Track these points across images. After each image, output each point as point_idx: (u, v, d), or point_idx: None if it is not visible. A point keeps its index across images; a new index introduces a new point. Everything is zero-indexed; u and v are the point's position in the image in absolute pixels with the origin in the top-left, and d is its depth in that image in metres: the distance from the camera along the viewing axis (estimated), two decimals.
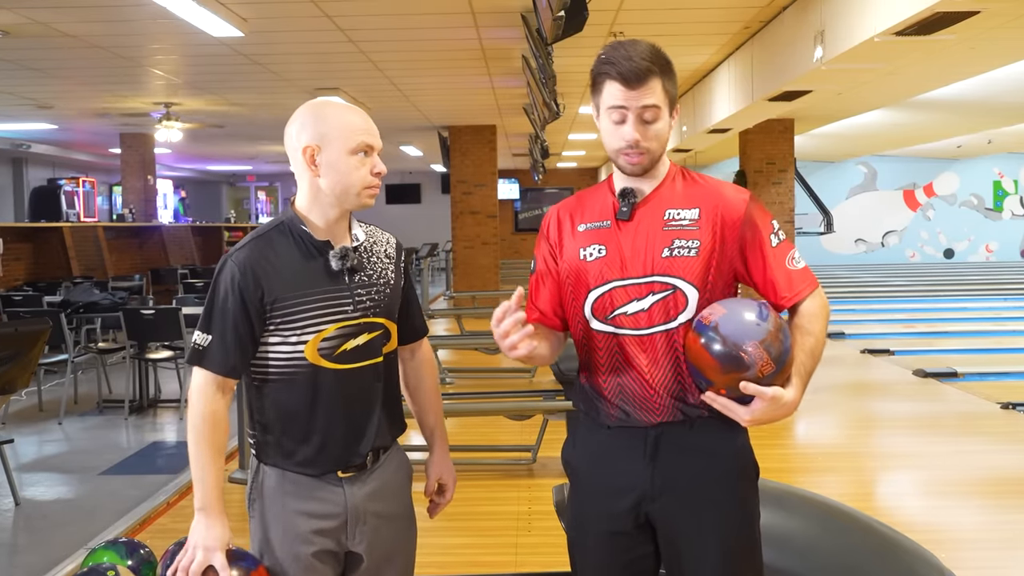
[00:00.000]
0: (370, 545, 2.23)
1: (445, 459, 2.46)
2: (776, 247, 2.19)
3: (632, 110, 2.13)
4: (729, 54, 10.23)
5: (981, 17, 5.91)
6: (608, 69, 2.14)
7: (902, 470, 6.00)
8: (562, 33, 5.81)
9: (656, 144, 2.17)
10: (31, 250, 12.84)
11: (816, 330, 2.17)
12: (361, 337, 2.21)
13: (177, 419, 7.75)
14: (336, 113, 2.20)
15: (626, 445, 2.19)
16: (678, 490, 2.16)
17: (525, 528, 4.68)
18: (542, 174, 21.60)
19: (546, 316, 2.32)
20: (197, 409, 2.15)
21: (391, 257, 2.33)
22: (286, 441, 2.20)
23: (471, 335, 9.81)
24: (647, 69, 2.11)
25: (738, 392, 2.05)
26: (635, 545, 2.21)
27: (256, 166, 25.69)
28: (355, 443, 2.21)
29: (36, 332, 5.54)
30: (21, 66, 9.97)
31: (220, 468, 2.17)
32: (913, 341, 11.22)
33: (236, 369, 2.18)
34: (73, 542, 4.69)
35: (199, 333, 2.18)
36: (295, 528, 2.18)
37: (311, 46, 9.19)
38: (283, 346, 2.18)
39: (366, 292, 2.23)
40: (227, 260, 2.19)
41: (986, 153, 24.10)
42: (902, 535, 3.06)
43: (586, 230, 2.23)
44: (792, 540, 2.86)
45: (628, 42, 2.16)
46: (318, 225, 2.22)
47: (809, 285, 2.20)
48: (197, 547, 2.10)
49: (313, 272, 2.19)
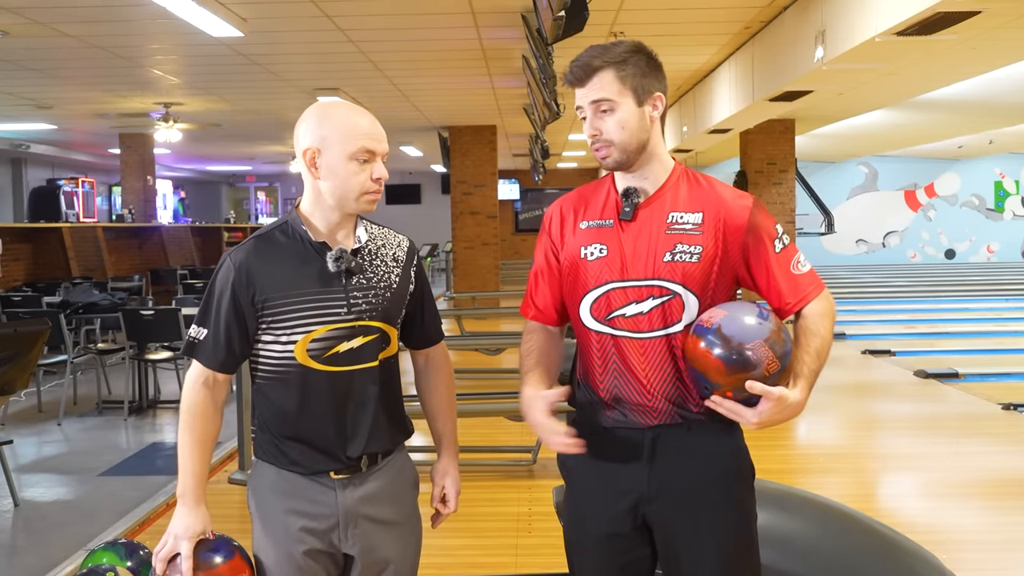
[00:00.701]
0: (363, 549, 2.21)
1: (450, 467, 2.43)
2: (779, 253, 2.18)
3: (586, 107, 2.17)
4: (730, 54, 10.21)
5: (982, 17, 5.90)
6: (566, 75, 2.20)
7: (903, 471, 5.98)
8: (562, 33, 5.81)
9: (623, 135, 2.15)
10: (30, 251, 12.83)
11: (822, 331, 2.16)
12: (355, 340, 2.19)
13: (176, 420, 7.66)
14: (340, 116, 2.18)
15: (623, 447, 2.18)
16: (675, 492, 2.16)
17: (525, 529, 4.68)
18: (542, 174, 21.58)
19: (544, 313, 2.32)
20: (184, 399, 2.22)
21: (399, 261, 2.30)
22: (279, 439, 2.21)
23: (471, 336, 9.81)
24: (587, 65, 2.15)
25: (744, 393, 2.04)
26: (632, 547, 2.21)
27: (256, 166, 25.69)
28: (345, 445, 2.19)
29: (35, 333, 5.56)
30: (21, 66, 9.95)
31: (202, 459, 2.20)
32: (914, 342, 11.20)
33: (226, 364, 2.20)
34: (72, 543, 4.68)
35: (194, 326, 2.22)
36: (287, 526, 2.18)
37: (311, 46, 9.18)
38: (275, 345, 2.19)
39: (363, 295, 2.21)
40: (226, 258, 2.22)
41: (987, 153, 24.04)
42: (903, 536, 3.05)
43: (587, 228, 2.22)
44: (793, 541, 2.87)
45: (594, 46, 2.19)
46: (320, 227, 2.21)
47: (815, 288, 2.19)
48: (170, 535, 2.14)
49: (308, 273, 2.18)
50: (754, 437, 2.25)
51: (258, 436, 2.26)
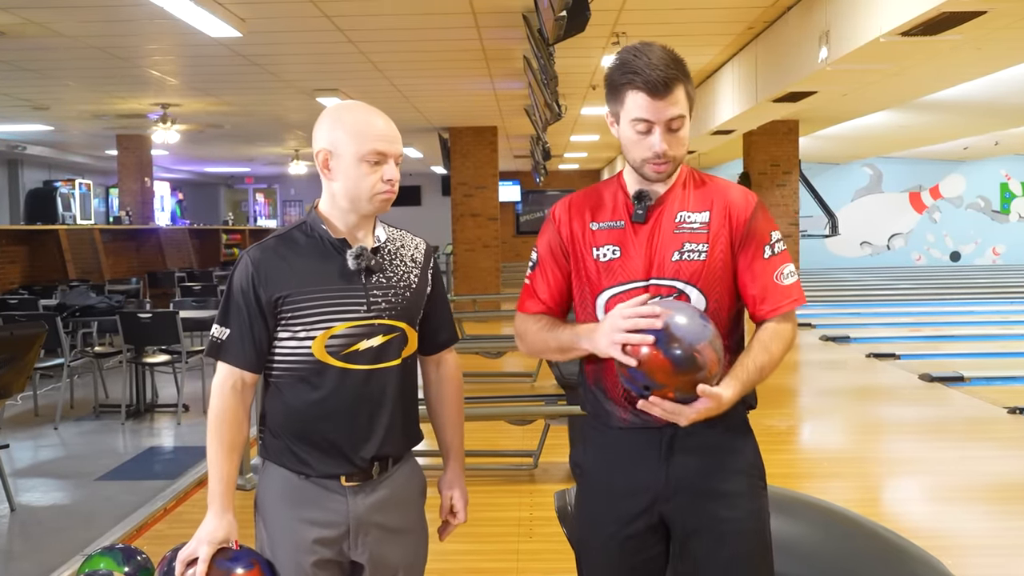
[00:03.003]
0: (372, 557, 2.21)
1: (458, 479, 2.43)
2: (768, 259, 2.19)
3: (660, 122, 2.10)
4: (733, 55, 10.22)
5: (988, 17, 5.90)
6: (632, 79, 2.09)
7: (908, 475, 5.97)
8: (564, 33, 5.81)
9: (681, 151, 2.17)
10: (26, 253, 12.77)
11: (774, 350, 2.16)
12: (376, 339, 2.20)
13: (174, 424, 7.71)
14: (353, 118, 2.20)
15: (639, 446, 2.19)
16: (693, 489, 2.17)
17: (527, 534, 4.67)
18: (544, 176, 21.60)
19: (551, 307, 2.31)
20: (212, 405, 2.20)
21: (417, 262, 2.32)
22: (291, 439, 2.20)
23: (472, 339, 9.77)
24: (673, 78, 2.08)
25: (684, 394, 2.03)
26: (645, 547, 2.21)
27: (254, 168, 25.68)
28: (359, 447, 2.18)
29: (32, 336, 5.57)
30: (17, 67, 9.94)
31: (230, 465, 2.19)
32: (919, 345, 11.16)
33: (255, 362, 2.20)
34: (69, 548, 4.64)
35: (217, 326, 2.22)
36: (297, 536, 2.17)
37: (310, 46, 9.17)
38: (292, 341, 2.18)
39: (383, 294, 2.22)
40: (243, 255, 2.23)
41: (993, 155, 24.02)
42: (908, 541, 3.04)
43: (599, 229, 2.23)
44: (797, 546, 2.84)
45: (645, 47, 2.12)
46: (339, 227, 2.24)
47: (790, 303, 2.19)
48: (194, 538, 2.15)
49: (328, 270, 2.19)
50: (758, 441, 2.26)
51: (267, 438, 2.25)
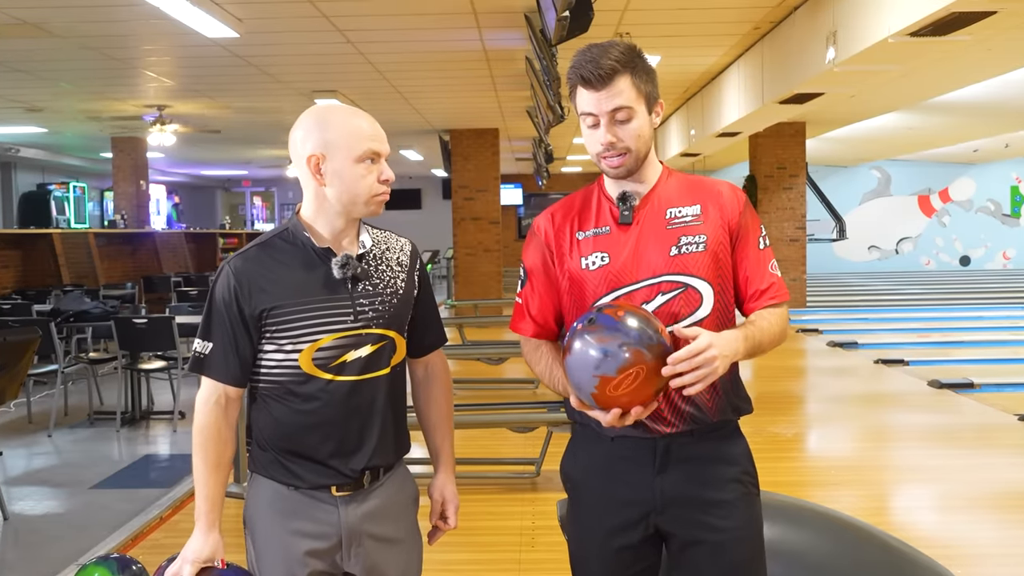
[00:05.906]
0: (366, 567, 2.19)
1: (449, 483, 2.40)
2: (763, 251, 2.23)
3: (602, 113, 2.13)
4: (739, 56, 10.25)
5: (998, 17, 5.90)
6: (571, 76, 2.15)
7: (917, 484, 5.94)
8: (567, 34, 5.79)
9: (638, 143, 2.15)
10: (20, 257, 12.77)
11: (776, 329, 2.18)
12: (364, 348, 2.17)
13: (170, 431, 7.70)
14: (341, 119, 2.16)
15: (632, 456, 2.17)
16: (686, 500, 2.16)
17: (529, 543, 4.66)
18: (546, 179, 21.59)
19: (545, 328, 2.29)
20: (196, 422, 2.17)
21: (403, 265, 2.29)
22: (279, 452, 2.18)
23: (473, 345, 9.71)
24: (611, 69, 2.10)
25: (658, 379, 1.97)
26: (639, 559, 2.21)
27: (251, 171, 25.71)
28: (349, 458, 2.16)
29: (25, 342, 5.64)
30: (10, 68, 9.93)
31: (216, 483, 2.16)
32: (928, 351, 11.13)
33: (238, 376, 2.17)
34: (63, 558, 4.63)
35: (199, 340, 2.18)
36: (288, 549, 2.15)
37: (308, 47, 9.17)
38: (278, 354, 2.16)
39: (369, 302, 2.18)
40: (224, 265, 2.19)
41: (1003, 158, 23.95)
42: (917, 550, 3.02)
43: (586, 238, 2.22)
44: (805, 555, 2.85)
45: (596, 44, 2.15)
46: (323, 234, 2.19)
47: (783, 295, 2.23)
48: (179, 557, 2.14)
49: (313, 280, 2.16)
50: (763, 450, 2.32)
51: (254, 450, 2.22)
